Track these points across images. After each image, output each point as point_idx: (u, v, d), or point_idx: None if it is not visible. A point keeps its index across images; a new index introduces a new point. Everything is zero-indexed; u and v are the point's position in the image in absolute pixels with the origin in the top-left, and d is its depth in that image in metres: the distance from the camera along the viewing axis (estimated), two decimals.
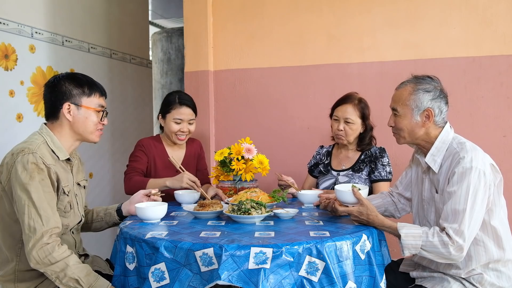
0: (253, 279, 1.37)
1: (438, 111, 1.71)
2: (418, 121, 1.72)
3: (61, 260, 1.54)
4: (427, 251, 1.59)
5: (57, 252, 1.54)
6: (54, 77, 1.77)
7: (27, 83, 2.80)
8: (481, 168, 1.59)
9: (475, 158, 1.60)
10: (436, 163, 1.72)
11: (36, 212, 1.54)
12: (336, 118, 2.37)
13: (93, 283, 1.56)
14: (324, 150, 2.55)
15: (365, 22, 2.82)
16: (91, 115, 1.75)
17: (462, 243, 1.54)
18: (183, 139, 2.45)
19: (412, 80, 1.76)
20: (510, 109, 2.60)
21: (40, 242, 1.52)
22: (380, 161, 2.31)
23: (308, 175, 2.58)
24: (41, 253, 1.52)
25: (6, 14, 2.66)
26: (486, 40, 2.63)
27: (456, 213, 1.57)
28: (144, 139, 2.49)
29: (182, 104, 2.42)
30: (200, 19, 3.09)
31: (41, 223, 1.53)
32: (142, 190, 2.01)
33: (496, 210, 1.67)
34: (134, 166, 2.37)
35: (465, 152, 1.63)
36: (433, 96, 1.70)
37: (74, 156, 1.86)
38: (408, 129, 1.73)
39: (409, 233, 1.60)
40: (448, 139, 1.72)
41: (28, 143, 1.65)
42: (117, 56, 3.77)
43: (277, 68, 3.02)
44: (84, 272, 1.57)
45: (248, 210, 1.73)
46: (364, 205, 1.70)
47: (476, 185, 1.57)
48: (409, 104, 1.71)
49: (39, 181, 1.57)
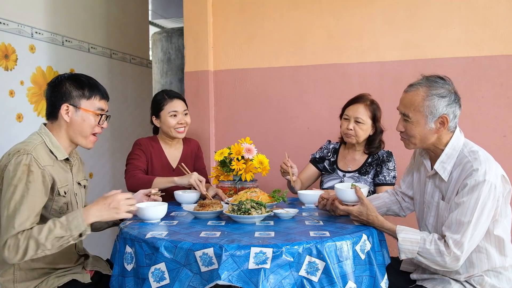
0: (253, 279, 1.37)
1: (453, 116, 1.62)
2: (432, 128, 1.63)
3: (28, 241, 1.50)
4: (423, 257, 1.59)
5: (21, 240, 1.50)
6: (57, 77, 1.77)
7: (27, 83, 2.80)
8: (493, 181, 1.54)
9: (489, 171, 1.54)
10: (446, 170, 1.65)
11: (14, 215, 1.52)
12: (347, 117, 2.32)
13: (70, 226, 1.52)
14: (331, 147, 2.50)
15: (365, 22, 2.82)
16: (89, 118, 1.74)
17: (459, 254, 1.53)
18: (182, 131, 2.46)
19: (424, 83, 1.64)
20: (510, 109, 2.60)
21: (7, 245, 1.50)
22: (386, 165, 2.29)
23: (310, 164, 2.51)
24: (12, 252, 1.50)
25: (6, 14, 2.66)
26: (486, 40, 2.62)
27: (461, 224, 1.54)
28: (142, 139, 2.50)
29: (173, 97, 2.45)
30: (200, 19, 3.09)
31: (13, 225, 1.51)
32: (142, 190, 2.00)
33: (501, 220, 1.64)
34: (135, 164, 2.37)
35: (478, 163, 1.56)
36: (449, 101, 1.61)
37: (73, 156, 1.86)
38: (421, 136, 1.65)
39: (407, 238, 1.60)
40: (459, 146, 1.65)
41: (25, 143, 1.65)
42: (117, 56, 3.77)
43: (277, 68, 3.02)
44: (53, 228, 1.52)
45: (248, 210, 1.73)
46: (364, 205, 1.70)
47: (485, 198, 1.53)
48: (423, 111, 1.61)
49: (26, 183, 1.56)
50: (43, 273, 1.69)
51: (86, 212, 1.57)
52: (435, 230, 1.73)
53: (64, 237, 1.53)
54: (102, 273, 1.85)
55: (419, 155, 1.86)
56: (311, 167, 2.52)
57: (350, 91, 2.57)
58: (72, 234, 1.53)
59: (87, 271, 1.82)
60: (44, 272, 1.70)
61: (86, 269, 1.84)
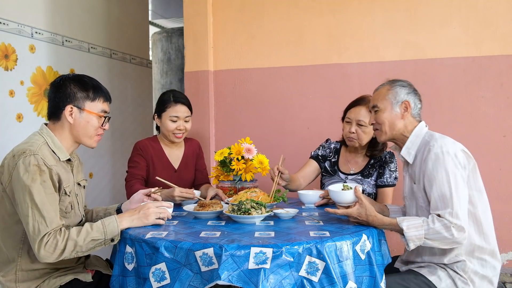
0: (253, 279, 1.37)
1: (414, 105, 1.83)
2: (397, 113, 1.82)
3: (67, 242, 1.55)
4: (431, 239, 1.62)
5: (60, 240, 1.55)
6: (60, 77, 1.77)
7: (27, 83, 2.80)
8: (452, 151, 1.68)
9: (444, 144, 1.70)
10: (411, 155, 1.82)
11: (40, 214, 1.55)
12: (349, 120, 2.27)
13: (105, 230, 1.62)
14: (333, 146, 2.45)
15: (365, 22, 2.83)
16: (92, 119, 1.74)
17: (460, 223, 1.60)
18: (180, 137, 2.44)
19: (387, 82, 1.90)
20: (510, 109, 2.61)
21: (44, 242, 1.54)
22: (388, 166, 2.26)
23: (312, 161, 2.45)
24: (49, 250, 1.54)
25: (6, 14, 2.66)
26: (486, 40, 2.63)
27: (444, 197, 1.64)
28: (141, 141, 2.48)
29: (177, 102, 2.42)
30: (200, 19, 3.09)
31: (45, 224, 1.55)
32: (142, 189, 2.00)
33: (474, 194, 1.73)
34: (134, 172, 2.36)
35: (434, 140, 1.73)
36: (409, 90, 1.84)
37: (73, 156, 1.86)
38: (389, 121, 1.83)
39: (411, 225, 1.63)
40: (421, 133, 1.82)
41: (29, 144, 1.64)
42: (117, 56, 3.77)
43: (277, 68, 3.02)
44: (90, 230, 1.60)
45: (248, 210, 1.73)
46: (363, 206, 1.71)
47: (452, 168, 1.66)
48: (388, 98, 1.83)
49: (41, 183, 1.57)
50: (45, 273, 1.69)
51: (120, 218, 1.68)
52: None
53: (99, 240, 1.61)
54: (102, 273, 1.85)
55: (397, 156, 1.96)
56: (313, 164, 2.44)
57: (350, 91, 2.57)
58: (106, 238, 1.62)
59: (88, 271, 1.82)
60: (46, 272, 1.70)
61: (87, 268, 1.84)
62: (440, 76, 2.71)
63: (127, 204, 1.98)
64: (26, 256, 1.65)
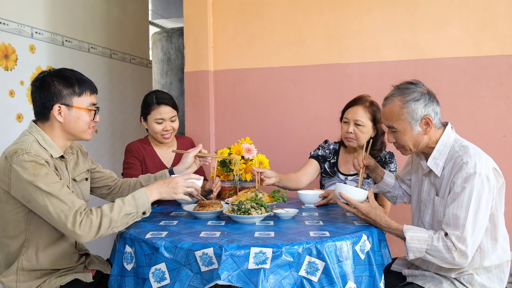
0: (253, 279, 1.37)
1: (434, 114, 1.68)
2: (419, 131, 1.68)
3: (102, 219, 1.55)
4: (432, 255, 1.59)
5: (94, 218, 1.54)
6: (40, 75, 1.70)
7: (27, 83, 2.80)
8: (484, 173, 1.56)
9: (479, 163, 1.57)
10: (439, 166, 1.70)
11: (58, 199, 1.53)
12: (346, 120, 2.26)
13: (137, 203, 1.62)
14: (332, 147, 2.44)
15: (365, 22, 2.83)
16: (82, 115, 1.70)
17: (465, 249, 1.53)
18: (168, 137, 2.43)
19: (397, 93, 1.71)
20: (510, 109, 2.61)
21: (77, 223, 1.52)
22: (388, 167, 2.25)
23: (313, 160, 2.43)
24: (85, 229, 1.53)
25: (6, 14, 2.66)
26: (486, 40, 2.63)
27: (457, 218, 1.56)
28: (132, 143, 2.46)
29: (160, 103, 2.38)
30: (200, 19, 3.09)
31: (68, 206, 1.53)
32: (191, 152, 2.09)
33: (497, 214, 1.65)
34: (130, 173, 2.33)
35: (468, 157, 1.60)
36: (424, 102, 1.66)
37: (68, 152, 1.82)
38: (413, 142, 1.70)
39: (415, 237, 1.60)
40: (449, 142, 1.69)
41: (19, 144, 1.61)
42: (117, 56, 3.77)
43: (277, 68, 3.02)
44: (122, 205, 1.60)
45: (248, 210, 1.73)
46: (373, 205, 1.71)
47: (479, 191, 1.55)
48: (405, 119, 1.67)
49: (44, 175, 1.55)
50: (45, 273, 1.69)
51: (149, 190, 1.68)
52: (430, 227, 1.75)
53: (132, 213, 1.61)
54: (103, 273, 1.85)
55: (416, 156, 1.89)
56: (313, 163, 2.43)
57: (350, 91, 2.57)
58: (138, 211, 1.62)
59: (88, 271, 1.82)
60: (46, 273, 1.69)
61: (88, 268, 1.84)
62: (440, 76, 2.71)
63: (180, 166, 2.08)
64: (27, 256, 1.65)
